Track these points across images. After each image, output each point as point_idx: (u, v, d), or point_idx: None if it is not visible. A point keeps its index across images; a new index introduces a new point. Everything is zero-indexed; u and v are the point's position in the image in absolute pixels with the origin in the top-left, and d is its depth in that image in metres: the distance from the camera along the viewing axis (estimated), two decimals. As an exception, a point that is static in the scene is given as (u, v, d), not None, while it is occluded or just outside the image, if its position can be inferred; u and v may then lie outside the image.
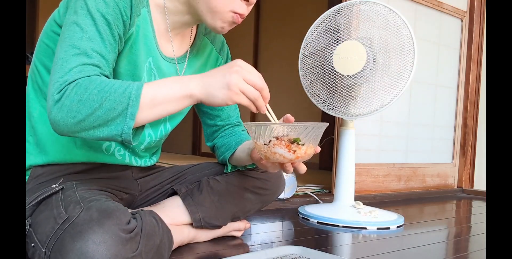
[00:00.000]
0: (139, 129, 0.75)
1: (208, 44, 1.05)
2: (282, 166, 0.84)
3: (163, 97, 0.72)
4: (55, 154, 0.90)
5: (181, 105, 0.74)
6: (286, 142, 0.79)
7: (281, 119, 0.87)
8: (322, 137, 0.84)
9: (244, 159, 1.00)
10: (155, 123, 0.99)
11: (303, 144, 0.79)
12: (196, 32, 1.01)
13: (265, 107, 0.78)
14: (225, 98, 0.73)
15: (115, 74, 0.85)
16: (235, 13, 0.86)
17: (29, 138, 0.90)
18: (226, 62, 1.11)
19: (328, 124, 0.85)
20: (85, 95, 0.69)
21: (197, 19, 0.92)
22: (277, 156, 0.79)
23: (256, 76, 0.75)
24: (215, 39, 1.06)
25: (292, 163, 0.83)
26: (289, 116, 0.86)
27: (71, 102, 0.69)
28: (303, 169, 0.86)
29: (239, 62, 0.75)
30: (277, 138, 0.79)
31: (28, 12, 3.70)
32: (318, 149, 0.86)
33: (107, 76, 0.76)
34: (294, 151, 0.79)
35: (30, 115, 0.90)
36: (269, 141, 0.79)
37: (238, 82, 0.73)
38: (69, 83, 0.70)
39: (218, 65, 1.09)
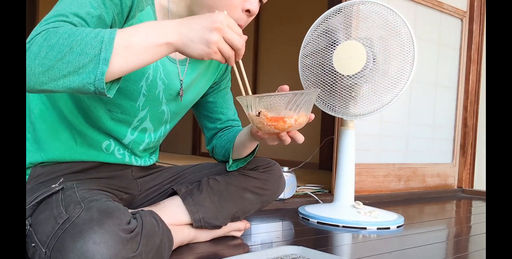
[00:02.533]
0: (114, 82, 0.69)
1: None
2: (278, 137, 0.85)
3: (139, 44, 0.67)
4: (54, 151, 0.90)
5: (158, 54, 0.70)
6: (271, 115, 0.79)
7: (277, 90, 0.87)
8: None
9: (244, 139, 1.01)
10: (157, 124, 1.00)
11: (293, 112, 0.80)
12: None
13: (234, 62, 0.77)
14: (202, 53, 0.71)
15: None
16: None
17: (27, 135, 0.90)
18: (227, 68, 1.13)
19: (319, 90, 0.84)
20: (54, 40, 0.64)
21: None
22: (269, 126, 0.80)
23: (235, 36, 0.72)
24: None
25: (288, 133, 0.84)
26: (284, 86, 0.86)
27: (39, 48, 0.64)
28: (300, 138, 0.86)
29: (221, 17, 0.72)
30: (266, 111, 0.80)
31: (28, 12, 3.70)
32: (312, 116, 0.86)
33: None
34: (285, 121, 0.80)
35: (30, 111, 0.90)
36: (259, 112, 0.80)
37: (218, 40, 0.70)
38: (39, 32, 0.66)
39: (220, 68, 1.10)
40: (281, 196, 1.61)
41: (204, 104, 1.14)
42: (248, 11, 0.87)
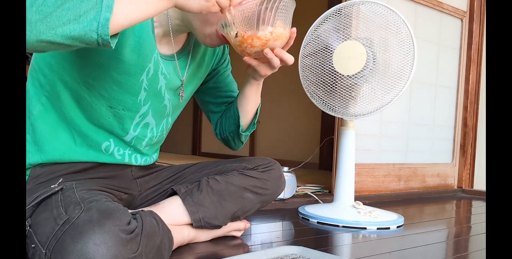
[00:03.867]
0: (112, 37, 0.66)
1: None
2: (267, 61, 0.87)
3: None
4: (53, 152, 0.90)
5: (159, 8, 0.70)
6: (248, 34, 0.81)
7: None
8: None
9: (244, 87, 1.05)
10: (159, 118, 1.00)
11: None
12: None
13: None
14: (201, 8, 0.75)
15: (117, 63, 0.85)
16: None
17: (27, 136, 0.90)
18: (224, 51, 1.13)
19: (295, 4, 0.85)
20: None
21: (190, 29, 0.94)
22: (248, 45, 0.81)
23: None
24: None
25: (274, 52, 0.86)
26: None
27: None
28: (288, 57, 0.89)
29: None
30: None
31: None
32: (294, 30, 0.87)
33: None
34: (259, 36, 0.80)
35: (30, 113, 0.90)
36: (236, 33, 0.81)
37: None
38: None
39: (216, 55, 1.11)
40: (281, 196, 1.60)
41: (206, 91, 1.14)
42: None
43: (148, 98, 0.93)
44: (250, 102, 1.07)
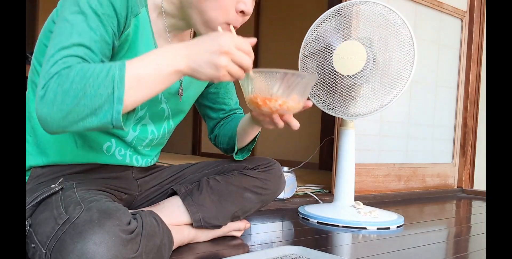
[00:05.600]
0: (130, 113, 0.72)
1: None
2: (272, 119, 0.88)
3: (149, 76, 0.69)
4: (55, 154, 0.90)
5: (169, 82, 0.72)
6: (260, 96, 0.80)
7: None
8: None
9: (245, 124, 1.03)
10: (158, 121, 0.99)
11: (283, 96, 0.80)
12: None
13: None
14: (211, 77, 0.73)
15: None
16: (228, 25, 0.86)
17: (28, 138, 0.90)
18: None
19: (317, 77, 0.83)
20: (67, 85, 0.66)
21: (191, 26, 0.93)
22: (256, 107, 0.82)
23: (244, 57, 0.73)
24: None
25: (281, 117, 0.86)
26: None
27: (55, 95, 0.66)
28: (294, 124, 0.88)
29: (228, 40, 0.73)
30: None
31: (28, 12, 3.70)
32: (309, 103, 0.86)
33: None
34: (266, 104, 0.80)
35: (30, 116, 0.90)
36: (248, 91, 0.82)
37: (227, 64, 0.72)
38: (52, 77, 0.68)
39: None
40: (281, 196, 1.61)
41: (206, 95, 1.14)
42: (242, 12, 0.86)
43: (144, 103, 0.93)
44: (249, 136, 1.07)
